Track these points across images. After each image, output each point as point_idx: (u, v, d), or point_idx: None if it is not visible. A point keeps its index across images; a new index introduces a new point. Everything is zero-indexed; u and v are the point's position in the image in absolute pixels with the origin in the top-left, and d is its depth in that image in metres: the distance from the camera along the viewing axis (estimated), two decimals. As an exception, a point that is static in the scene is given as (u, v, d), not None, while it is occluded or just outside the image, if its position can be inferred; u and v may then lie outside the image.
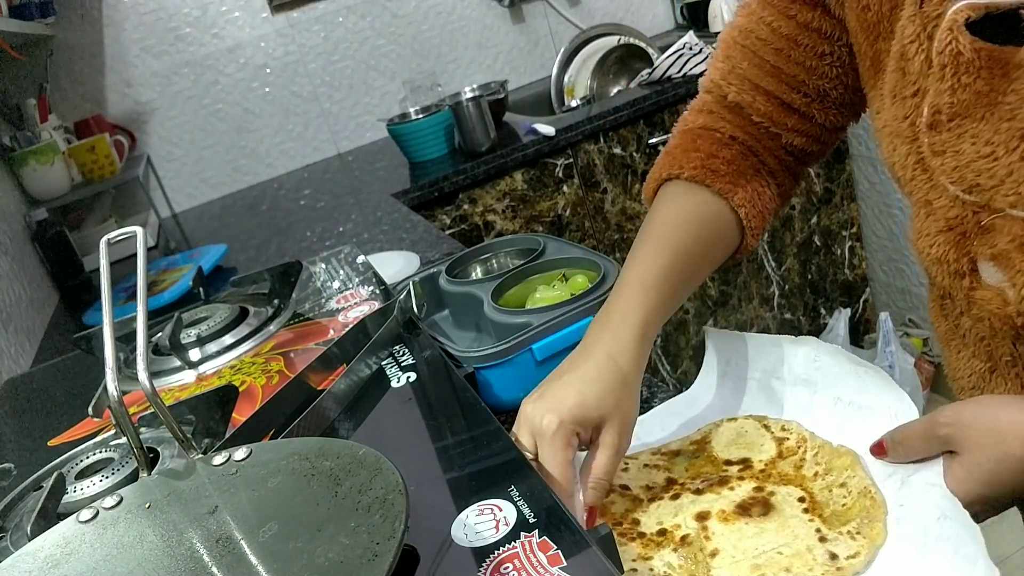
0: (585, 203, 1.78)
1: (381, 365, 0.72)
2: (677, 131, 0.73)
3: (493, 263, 0.92)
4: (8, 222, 1.52)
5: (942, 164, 0.51)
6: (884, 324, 1.92)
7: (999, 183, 0.48)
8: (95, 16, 1.95)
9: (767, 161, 0.70)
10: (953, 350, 0.63)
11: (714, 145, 0.69)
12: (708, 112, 0.71)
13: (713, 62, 0.72)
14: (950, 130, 0.50)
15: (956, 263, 0.54)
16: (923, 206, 0.55)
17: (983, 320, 0.56)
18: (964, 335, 0.60)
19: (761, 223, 0.69)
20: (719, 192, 0.67)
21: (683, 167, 0.68)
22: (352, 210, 1.60)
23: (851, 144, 2.04)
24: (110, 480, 0.58)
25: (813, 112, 0.67)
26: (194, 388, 0.78)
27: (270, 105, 2.13)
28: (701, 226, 0.66)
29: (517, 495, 0.49)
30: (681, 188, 0.68)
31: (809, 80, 0.65)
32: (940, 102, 0.50)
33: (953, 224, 0.53)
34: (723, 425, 0.63)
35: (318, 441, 0.52)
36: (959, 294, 0.56)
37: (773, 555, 0.49)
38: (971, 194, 0.50)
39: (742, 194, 0.67)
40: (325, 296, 0.91)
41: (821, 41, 0.63)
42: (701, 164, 0.67)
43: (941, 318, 0.64)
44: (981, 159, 0.49)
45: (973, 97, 0.48)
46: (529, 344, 0.70)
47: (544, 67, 2.29)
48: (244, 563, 0.42)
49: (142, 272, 0.59)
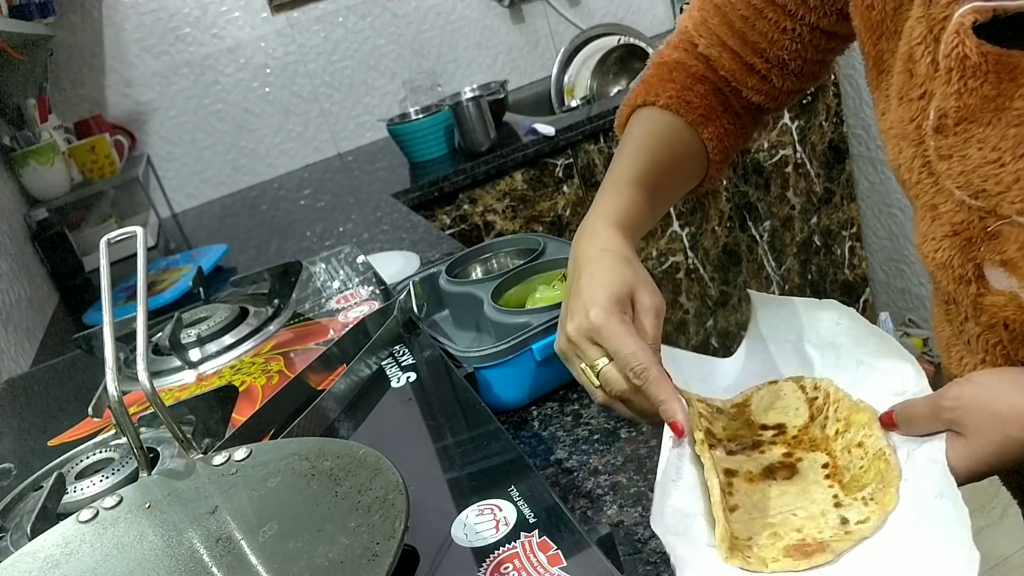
0: (585, 203, 1.78)
1: (381, 365, 0.72)
2: (652, 63, 0.77)
3: (493, 263, 0.92)
4: (8, 222, 1.52)
5: (948, 168, 0.51)
6: (884, 324, 1.92)
7: (1006, 189, 0.48)
8: (95, 16, 1.95)
9: (732, 103, 0.75)
10: (955, 357, 0.63)
11: (688, 79, 0.73)
12: (683, 50, 0.75)
13: (690, 8, 0.75)
14: (956, 134, 0.50)
15: (961, 268, 0.54)
16: (929, 210, 0.55)
17: (994, 326, 0.55)
18: (969, 341, 0.60)
19: (724, 159, 0.74)
20: (691, 123, 0.71)
21: (659, 95, 0.72)
22: (352, 210, 1.60)
23: (851, 144, 2.04)
24: (110, 480, 0.58)
25: (772, 77, 0.71)
26: (194, 388, 0.78)
27: (270, 105, 2.13)
28: (675, 146, 0.71)
29: (517, 495, 0.49)
30: (656, 114, 0.72)
31: (770, 50, 0.69)
32: (946, 106, 0.50)
33: (959, 229, 0.52)
34: (763, 388, 0.64)
35: (318, 441, 0.52)
36: (964, 300, 0.56)
37: (788, 516, 0.51)
38: (977, 199, 0.50)
39: (712, 129, 0.72)
40: (325, 296, 0.91)
41: (785, 17, 0.67)
42: (676, 95, 0.72)
43: (945, 323, 0.64)
44: (988, 164, 0.48)
45: (980, 101, 0.48)
46: (529, 344, 0.70)
47: (544, 67, 2.29)
48: (244, 563, 0.42)
49: (142, 272, 0.59)
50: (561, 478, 0.62)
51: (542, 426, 0.69)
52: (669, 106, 0.72)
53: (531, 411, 0.72)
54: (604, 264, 0.60)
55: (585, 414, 0.69)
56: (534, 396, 0.72)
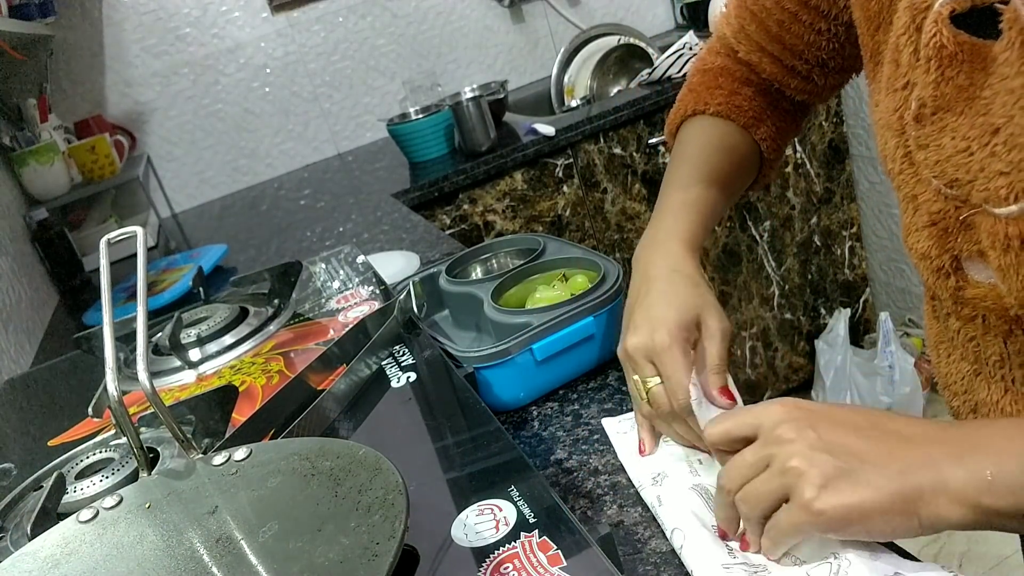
0: (585, 203, 1.78)
1: (381, 365, 0.72)
2: (695, 70, 0.79)
3: (493, 263, 0.92)
4: (8, 222, 1.52)
5: (925, 158, 0.51)
6: (884, 324, 1.92)
7: (973, 178, 0.48)
8: (95, 16, 1.95)
9: (780, 103, 0.76)
10: (943, 353, 0.63)
11: (735, 83, 0.75)
12: (726, 55, 0.77)
13: (727, 14, 0.76)
14: (933, 123, 0.50)
15: (939, 259, 0.54)
16: (910, 200, 0.55)
17: (974, 319, 0.56)
18: (952, 337, 0.60)
19: (778, 156, 0.77)
20: (744, 126, 0.73)
21: (708, 103, 0.74)
22: (352, 210, 1.60)
23: (851, 144, 2.04)
24: (110, 480, 0.58)
25: (814, 76, 0.72)
26: (194, 388, 0.78)
27: (270, 105, 2.13)
28: (731, 153, 0.73)
29: (517, 495, 0.49)
30: (708, 122, 0.74)
31: (808, 51, 0.70)
32: (925, 95, 0.50)
33: (936, 219, 0.53)
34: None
35: (318, 441, 0.52)
36: (944, 294, 0.56)
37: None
38: (952, 188, 0.50)
39: (764, 129, 0.74)
40: (325, 296, 0.91)
41: (819, 19, 0.67)
42: (726, 101, 0.74)
43: (932, 320, 0.64)
44: (959, 154, 0.49)
45: (955, 91, 0.48)
46: (529, 344, 0.70)
47: (544, 67, 2.29)
48: (244, 563, 0.42)
49: (142, 272, 0.59)
50: (561, 478, 0.62)
51: (542, 426, 0.69)
52: (720, 112, 0.73)
53: (531, 411, 0.72)
54: (676, 286, 0.62)
55: (585, 414, 0.69)
56: (534, 396, 0.72)
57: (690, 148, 0.74)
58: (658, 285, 0.62)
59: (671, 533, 0.52)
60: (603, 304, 0.72)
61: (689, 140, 0.75)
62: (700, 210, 0.68)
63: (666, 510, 0.54)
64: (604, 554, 0.43)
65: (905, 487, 0.43)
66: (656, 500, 0.55)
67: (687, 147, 0.74)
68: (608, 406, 0.69)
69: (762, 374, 2.09)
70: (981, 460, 0.43)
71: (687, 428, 0.59)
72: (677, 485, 0.56)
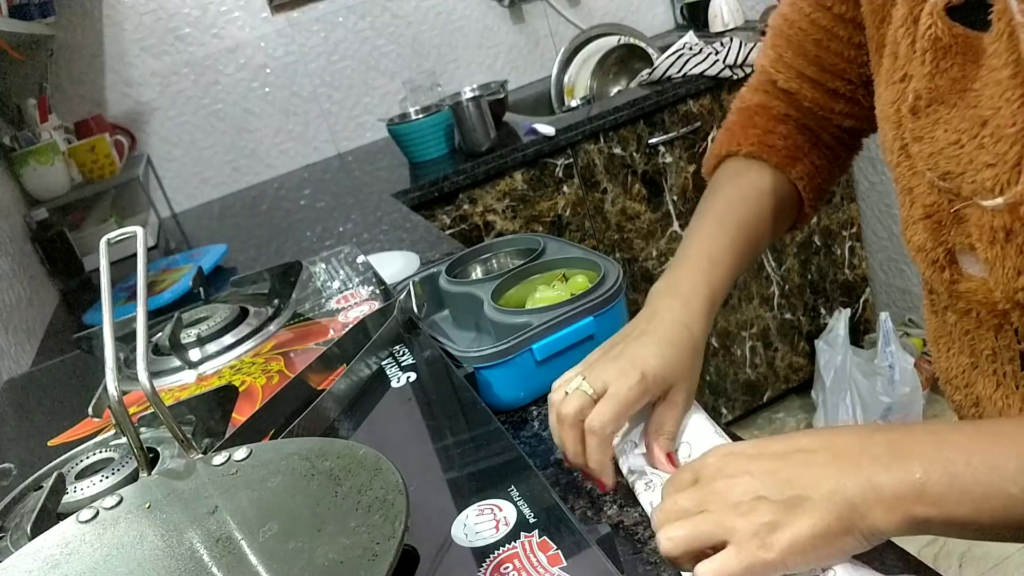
0: (585, 203, 1.78)
1: (381, 365, 0.72)
2: (735, 108, 0.77)
3: (493, 263, 0.92)
4: (8, 222, 1.52)
5: (920, 151, 0.51)
6: (884, 324, 1.92)
7: (963, 171, 0.48)
8: (95, 16, 1.95)
9: (822, 136, 0.73)
10: (942, 348, 0.63)
11: (770, 121, 0.72)
12: (764, 91, 0.74)
13: (764, 47, 0.74)
14: (927, 116, 0.50)
15: (933, 252, 0.54)
16: (907, 193, 0.55)
17: (969, 313, 0.56)
18: (951, 331, 0.60)
19: (818, 194, 0.73)
20: (777, 166, 0.71)
21: (741, 144, 0.72)
22: (352, 210, 1.60)
23: (851, 144, 2.04)
24: (110, 480, 0.58)
25: (858, 97, 0.68)
26: (194, 388, 0.78)
27: (270, 105, 2.13)
28: (761, 200, 0.70)
29: (517, 495, 0.49)
30: (741, 164, 0.72)
31: (850, 69, 0.66)
32: (920, 87, 0.50)
33: (931, 211, 0.53)
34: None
35: (318, 441, 0.52)
36: (940, 288, 0.56)
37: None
38: (945, 181, 0.50)
39: (800, 168, 0.71)
40: (325, 296, 0.91)
41: (857, 31, 0.64)
42: (758, 140, 0.71)
43: (931, 315, 0.64)
44: (950, 146, 0.49)
45: (949, 83, 0.48)
46: (529, 344, 0.70)
47: (544, 67, 2.29)
48: (244, 563, 0.42)
49: (142, 272, 0.59)
50: (561, 478, 0.62)
51: (542, 426, 0.69)
52: (752, 153, 0.71)
53: (531, 411, 0.72)
54: (675, 339, 0.60)
55: (585, 414, 0.69)
56: (534, 396, 0.72)
57: (718, 196, 0.71)
58: (661, 329, 0.60)
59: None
60: (603, 304, 0.72)
61: (718, 187, 0.72)
62: (726, 265, 0.66)
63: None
64: (604, 554, 0.43)
65: (840, 505, 0.43)
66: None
67: (715, 195, 0.71)
68: (608, 406, 0.69)
69: (762, 374, 2.09)
70: (910, 466, 0.42)
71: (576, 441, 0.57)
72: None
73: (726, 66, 1.78)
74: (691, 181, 1.87)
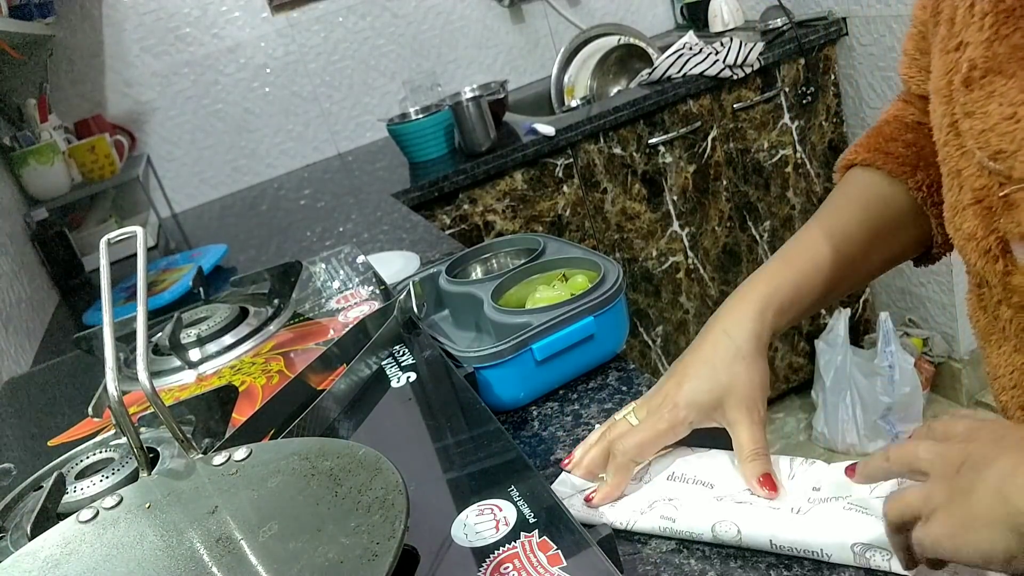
0: (585, 203, 1.78)
1: (381, 365, 0.72)
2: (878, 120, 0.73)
3: (493, 263, 0.92)
4: (8, 222, 1.52)
5: (971, 127, 0.48)
6: (884, 324, 1.91)
7: (1018, 148, 0.45)
8: (95, 16, 1.95)
9: None
10: (994, 345, 0.58)
11: (898, 130, 0.67)
12: (902, 100, 0.70)
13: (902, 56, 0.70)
14: (982, 87, 0.47)
15: (985, 240, 0.50)
16: (954, 176, 0.51)
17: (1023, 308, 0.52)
18: (1004, 327, 0.56)
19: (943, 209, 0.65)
20: (891, 173, 0.64)
21: (858, 152, 0.68)
22: (352, 210, 1.60)
23: (851, 144, 2.04)
24: (110, 480, 0.58)
25: None
26: (194, 388, 0.78)
27: (270, 105, 2.13)
28: (866, 208, 0.65)
29: (517, 495, 0.49)
30: (857, 173, 0.68)
31: None
32: (976, 55, 0.47)
33: (980, 196, 0.49)
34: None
35: (318, 441, 0.52)
36: (994, 279, 0.52)
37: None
38: (995, 161, 0.47)
39: (920, 176, 0.63)
40: (325, 296, 0.91)
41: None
42: (876, 147, 0.66)
43: (980, 311, 0.60)
44: (1004, 121, 0.45)
45: (1008, 51, 0.45)
46: (529, 344, 0.70)
47: (544, 67, 2.29)
48: (244, 563, 0.42)
49: (142, 272, 0.59)
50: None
51: (542, 426, 0.69)
52: (867, 161, 0.66)
53: (531, 411, 0.72)
54: (711, 352, 0.58)
55: (585, 414, 0.69)
56: (534, 396, 0.72)
57: (825, 203, 0.67)
58: (703, 346, 0.59)
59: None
60: (603, 304, 0.72)
61: (830, 197, 0.68)
62: (800, 268, 0.61)
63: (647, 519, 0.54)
64: (604, 554, 0.43)
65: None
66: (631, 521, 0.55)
67: (826, 202, 0.67)
68: (608, 406, 0.69)
69: (762, 374, 2.09)
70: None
71: (596, 456, 0.58)
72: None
73: (726, 66, 1.78)
74: (691, 181, 1.87)
